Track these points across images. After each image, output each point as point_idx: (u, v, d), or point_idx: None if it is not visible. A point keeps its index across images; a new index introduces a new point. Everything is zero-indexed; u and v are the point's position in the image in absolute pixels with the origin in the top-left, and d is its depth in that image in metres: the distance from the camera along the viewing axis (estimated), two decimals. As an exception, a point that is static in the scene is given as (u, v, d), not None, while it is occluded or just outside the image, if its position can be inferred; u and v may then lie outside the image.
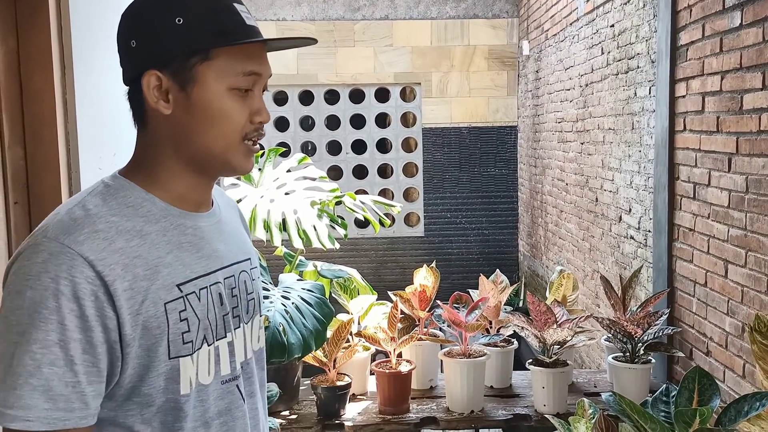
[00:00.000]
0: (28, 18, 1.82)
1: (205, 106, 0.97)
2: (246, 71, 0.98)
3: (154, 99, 0.96)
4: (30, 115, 1.85)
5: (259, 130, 1.02)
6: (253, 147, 1.02)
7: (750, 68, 2.24)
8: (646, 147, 3.30)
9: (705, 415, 1.42)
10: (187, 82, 0.96)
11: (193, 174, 1.01)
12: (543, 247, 5.62)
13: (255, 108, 1.00)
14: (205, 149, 0.99)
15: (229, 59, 0.97)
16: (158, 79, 0.96)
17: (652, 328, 2.43)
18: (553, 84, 5.13)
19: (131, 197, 0.97)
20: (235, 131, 0.99)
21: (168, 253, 0.95)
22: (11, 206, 1.79)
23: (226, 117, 0.98)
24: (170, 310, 0.93)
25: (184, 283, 0.96)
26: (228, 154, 0.99)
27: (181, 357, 0.95)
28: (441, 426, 2.41)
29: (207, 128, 0.98)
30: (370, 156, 6.67)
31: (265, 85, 1.03)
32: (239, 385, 1.04)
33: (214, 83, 0.96)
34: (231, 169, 1.02)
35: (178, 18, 0.94)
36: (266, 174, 2.99)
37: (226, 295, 1.03)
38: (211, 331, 0.99)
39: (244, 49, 0.98)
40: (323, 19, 6.38)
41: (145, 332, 0.91)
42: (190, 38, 0.94)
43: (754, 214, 2.22)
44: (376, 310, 2.63)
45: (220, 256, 1.04)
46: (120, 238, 0.91)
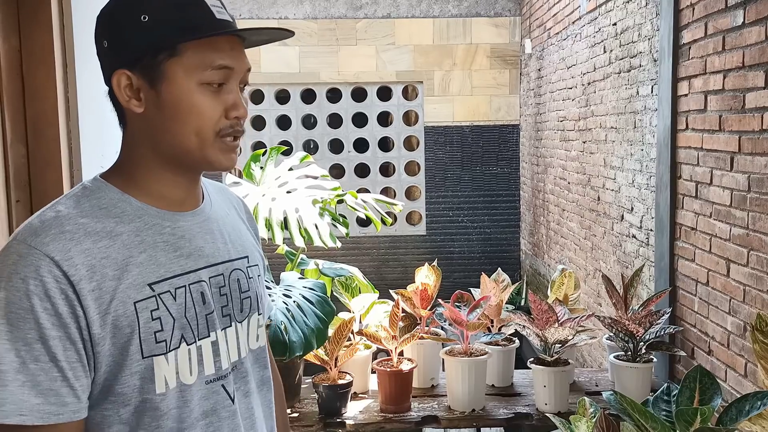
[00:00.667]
0: (31, 16, 1.82)
1: (176, 103, 0.96)
2: (215, 65, 0.96)
3: (126, 98, 0.97)
4: (32, 113, 1.85)
5: (236, 125, 0.99)
6: (230, 143, 1.00)
7: (752, 67, 2.24)
8: (648, 146, 3.30)
9: (706, 414, 1.42)
10: (156, 80, 0.95)
11: (172, 172, 1.01)
12: (545, 245, 5.62)
13: (230, 103, 0.98)
14: (179, 147, 0.98)
15: (197, 54, 0.95)
16: (128, 78, 0.96)
17: (653, 327, 2.43)
18: (556, 82, 5.12)
19: (105, 199, 0.97)
20: (207, 127, 0.97)
21: (141, 253, 0.95)
22: (13, 204, 1.79)
23: (198, 113, 0.96)
24: (141, 309, 0.93)
25: (157, 282, 0.95)
26: (203, 150, 0.98)
27: (155, 356, 0.94)
28: (442, 425, 2.41)
29: (179, 125, 0.96)
30: (372, 154, 6.67)
31: (244, 79, 1.01)
32: (226, 385, 1.03)
33: (183, 79, 0.95)
34: (209, 166, 1.00)
35: (144, 15, 0.94)
36: (268, 172, 2.99)
37: (213, 293, 1.02)
38: (190, 331, 0.98)
39: (213, 42, 0.96)
40: (325, 18, 6.38)
41: (116, 331, 0.92)
42: (155, 35, 0.94)
43: (756, 213, 2.22)
44: (377, 308, 2.63)
45: (205, 255, 1.02)
46: (87, 240, 0.92)
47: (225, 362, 1.03)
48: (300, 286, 2.48)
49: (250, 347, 1.09)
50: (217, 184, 1.20)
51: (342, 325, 2.37)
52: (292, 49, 6.35)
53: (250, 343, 1.09)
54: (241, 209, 1.21)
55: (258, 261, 1.15)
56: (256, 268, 1.14)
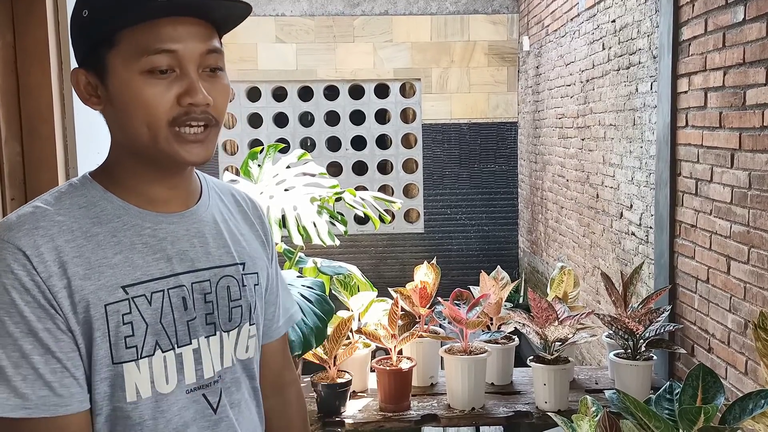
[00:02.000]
0: (25, 12, 1.80)
1: (121, 95, 0.91)
2: (153, 49, 0.89)
3: (86, 97, 0.95)
4: (27, 111, 1.83)
5: (191, 112, 0.91)
6: (188, 134, 0.92)
7: (753, 63, 2.22)
8: (648, 143, 3.29)
9: (709, 413, 1.41)
10: (103, 75, 0.92)
11: (148, 169, 0.96)
12: (543, 243, 5.61)
13: (183, 89, 0.91)
14: (136, 141, 0.93)
15: (132, 41, 0.89)
16: (85, 76, 0.94)
17: (653, 324, 2.42)
18: (554, 80, 5.11)
19: (86, 197, 0.95)
20: (157, 117, 0.90)
21: (116, 254, 0.92)
22: (8, 203, 1.78)
23: (143, 103, 0.90)
24: (111, 312, 0.90)
25: (131, 285, 0.92)
26: (159, 143, 0.92)
27: (125, 363, 0.91)
28: (442, 423, 2.39)
29: (129, 118, 0.92)
30: (370, 152, 6.66)
31: (206, 62, 0.93)
32: (206, 395, 0.98)
33: (123, 69, 0.90)
34: (171, 160, 0.94)
35: (84, 10, 0.92)
36: (265, 170, 2.97)
37: (196, 299, 0.98)
38: (166, 337, 0.94)
39: (152, 27, 0.89)
40: (322, 15, 6.36)
41: (86, 333, 0.89)
42: (93, 28, 0.91)
43: (756, 211, 2.21)
44: (376, 306, 2.62)
45: (189, 259, 0.98)
46: (60, 237, 0.89)
47: (208, 371, 0.99)
48: (298, 284, 2.46)
49: (238, 357, 1.04)
50: (224, 185, 1.15)
51: (341, 324, 2.36)
52: (289, 46, 6.33)
53: (238, 354, 1.04)
54: (253, 212, 1.15)
55: (260, 269, 1.09)
56: (254, 276, 1.07)
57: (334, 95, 6.57)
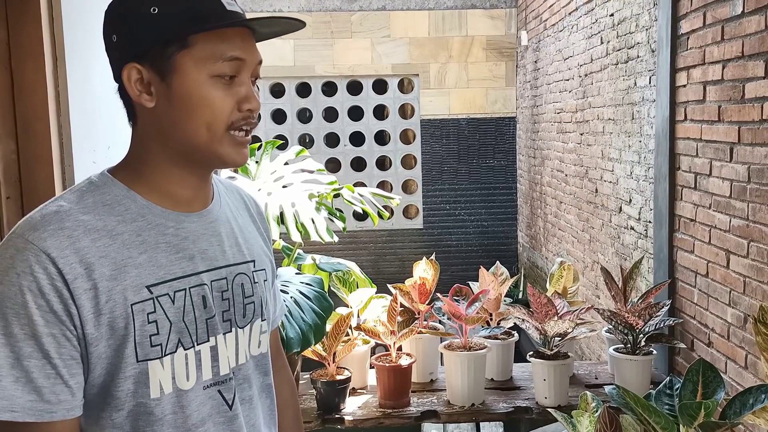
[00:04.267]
0: (19, 8, 1.79)
1: (187, 96, 0.94)
2: (227, 57, 0.94)
3: (137, 92, 0.95)
4: (22, 108, 1.82)
5: (249, 118, 0.97)
6: (242, 138, 0.97)
7: (752, 56, 2.21)
8: (647, 137, 3.28)
9: (710, 408, 1.40)
10: (167, 73, 0.93)
11: (182, 169, 0.98)
12: (542, 238, 5.61)
13: (242, 95, 0.96)
14: (190, 141, 0.95)
15: (208, 45, 0.93)
16: (139, 71, 0.94)
17: (653, 319, 2.41)
18: (552, 74, 5.10)
19: (110, 195, 0.95)
20: (219, 120, 0.95)
21: (141, 254, 0.93)
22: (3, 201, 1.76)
23: (209, 105, 0.94)
24: (137, 312, 0.91)
25: (155, 285, 0.93)
26: (214, 145, 0.96)
27: (150, 360, 0.92)
28: (442, 419, 2.39)
29: (190, 119, 0.94)
30: (369, 148, 6.64)
31: (256, 71, 0.99)
32: (223, 391, 1.01)
33: (194, 71, 0.93)
34: (221, 162, 0.98)
35: (153, 7, 0.92)
36: (263, 167, 2.96)
37: (214, 297, 1.00)
38: (188, 335, 0.96)
39: (224, 34, 0.94)
40: (320, 10, 6.34)
41: (111, 332, 0.90)
42: (165, 27, 0.92)
43: (756, 204, 2.20)
44: (375, 303, 2.61)
45: (208, 258, 1.00)
46: (86, 237, 0.90)
47: (224, 368, 1.01)
48: (297, 281, 2.46)
49: (251, 353, 1.07)
50: (229, 183, 1.17)
51: (340, 321, 2.35)
52: (287, 42, 6.32)
53: (251, 350, 1.07)
54: (255, 210, 1.18)
55: (265, 265, 1.12)
56: (263, 272, 1.10)
57: (332, 91, 6.56)
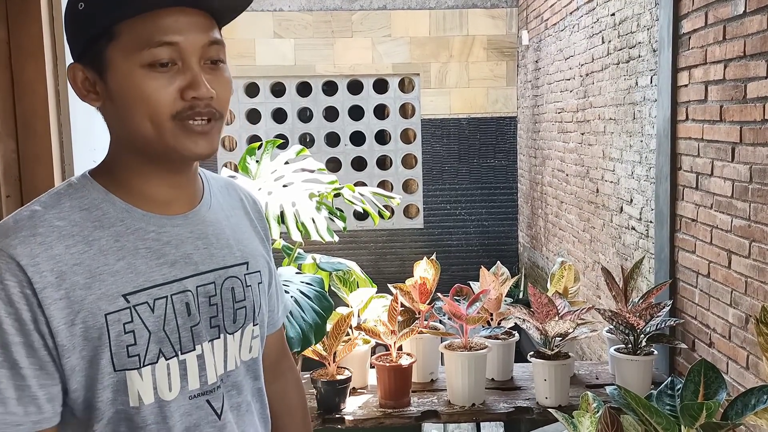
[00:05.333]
0: (20, 8, 1.79)
1: (122, 90, 0.88)
2: (155, 42, 0.87)
3: (84, 93, 0.92)
4: (22, 107, 1.82)
5: (195, 107, 0.89)
6: (197, 126, 0.90)
7: (754, 56, 2.21)
8: (648, 137, 3.27)
9: (712, 408, 1.40)
10: (103, 69, 0.89)
11: (151, 168, 0.94)
12: (543, 238, 5.60)
13: (185, 82, 0.88)
14: (138, 137, 0.90)
15: (133, 33, 0.87)
16: (82, 71, 0.91)
17: (654, 319, 2.41)
18: (553, 74, 5.09)
19: (88, 199, 0.92)
20: (160, 111, 0.88)
21: (118, 260, 0.89)
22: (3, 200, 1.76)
23: (145, 98, 0.87)
24: (112, 322, 0.88)
25: (133, 293, 0.89)
26: (164, 138, 0.89)
27: (128, 370, 0.89)
28: (442, 419, 2.39)
29: (131, 113, 0.89)
30: (369, 148, 6.64)
31: (207, 54, 0.91)
32: (211, 400, 0.97)
33: (124, 63, 0.87)
34: (177, 154, 0.91)
35: (80, 3, 0.89)
36: (264, 166, 2.96)
37: (201, 303, 0.96)
38: (170, 344, 0.92)
39: (152, 19, 0.87)
40: (320, 10, 6.33)
41: (86, 343, 0.87)
42: (90, 21, 0.88)
43: (758, 204, 2.20)
44: (375, 303, 2.61)
45: (194, 262, 0.96)
46: (60, 244, 0.87)
47: (212, 376, 0.98)
48: (297, 281, 2.45)
49: (242, 359, 1.03)
50: (225, 180, 1.13)
51: (340, 320, 2.35)
52: (287, 41, 6.31)
53: (242, 355, 1.03)
54: (252, 207, 1.13)
55: (261, 266, 1.08)
56: (257, 275, 1.06)
57: (333, 91, 6.55)
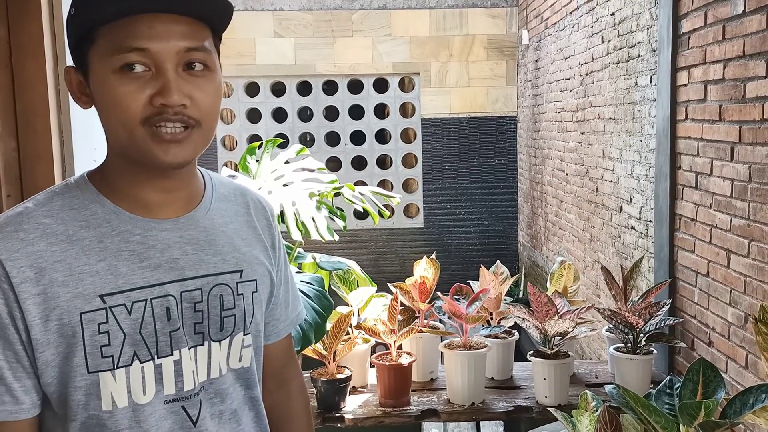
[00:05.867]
0: (20, 6, 1.79)
1: (99, 94, 0.90)
2: (125, 47, 0.87)
3: (77, 95, 0.94)
4: (22, 106, 1.82)
5: (164, 113, 0.88)
6: (165, 134, 0.89)
7: (753, 56, 2.21)
8: (647, 136, 3.28)
9: (710, 407, 1.40)
10: (86, 73, 0.91)
11: (137, 172, 0.94)
12: (543, 237, 5.61)
13: (156, 89, 0.88)
14: (115, 141, 0.92)
15: (108, 38, 0.88)
16: (74, 74, 0.93)
17: (653, 318, 2.41)
18: (553, 73, 5.10)
19: (78, 199, 0.93)
20: (130, 116, 0.88)
21: (99, 261, 0.90)
22: (4, 199, 1.77)
23: (116, 102, 0.88)
24: (86, 321, 0.88)
25: (110, 294, 0.90)
26: (136, 143, 0.89)
27: (101, 372, 0.90)
28: (442, 418, 2.39)
29: (107, 118, 0.91)
30: (369, 147, 6.64)
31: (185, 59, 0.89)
32: (186, 407, 0.96)
33: (99, 67, 0.89)
34: (147, 160, 0.91)
35: (72, 8, 0.91)
36: (264, 165, 2.96)
37: (184, 309, 0.95)
38: (146, 348, 0.92)
39: (127, 25, 0.87)
40: (321, 9, 6.33)
41: (61, 340, 0.88)
42: (75, 25, 0.90)
43: (757, 204, 2.20)
44: (375, 302, 2.61)
45: (180, 267, 0.95)
46: (42, 241, 0.88)
47: (188, 383, 0.96)
48: (297, 280, 2.46)
49: (230, 367, 1.02)
50: (235, 186, 1.10)
51: (340, 319, 2.35)
52: (288, 41, 6.31)
53: (230, 363, 1.02)
54: (260, 214, 1.10)
55: (258, 275, 1.05)
56: (252, 283, 1.03)
57: (333, 90, 6.55)
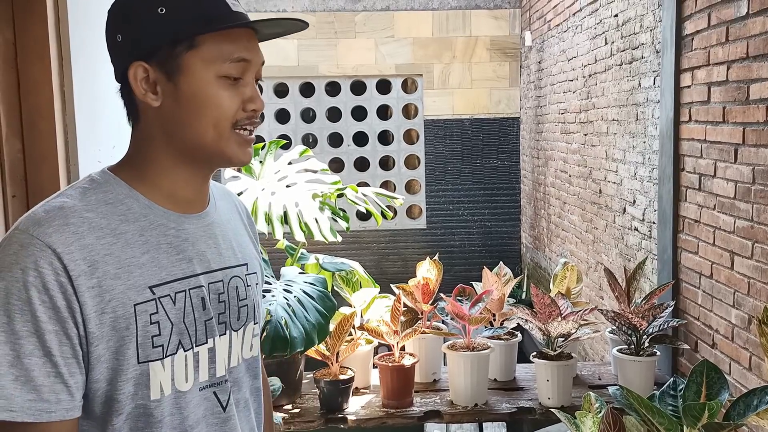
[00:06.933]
0: (25, 8, 1.79)
1: (194, 95, 0.95)
2: (233, 57, 0.95)
3: (142, 91, 0.95)
4: (27, 107, 1.82)
5: (252, 118, 0.99)
6: (247, 136, 0.99)
7: (757, 58, 2.21)
8: (651, 138, 3.27)
9: (714, 409, 1.40)
10: (174, 72, 0.95)
11: (185, 169, 0.99)
12: (546, 239, 5.60)
13: (247, 95, 0.97)
14: (196, 140, 0.97)
15: (215, 46, 0.95)
16: (145, 70, 0.95)
17: (656, 320, 2.41)
18: (556, 75, 5.10)
19: (112, 193, 0.95)
20: (225, 120, 0.96)
21: (144, 254, 0.93)
22: (9, 200, 1.77)
23: (216, 105, 0.95)
24: (140, 312, 0.91)
25: (157, 285, 0.93)
26: (220, 143, 0.97)
27: (151, 362, 0.92)
28: (445, 419, 2.39)
29: (196, 118, 0.96)
30: (372, 148, 6.65)
31: (259, 73, 1.00)
32: (217, 393, 1.01)
33: (202, 71, 0.95)
34: (226, 160, 0.99)
35: (161, 7, 0.93)
36: (267, 166, 2.97)
37: (212, 299, 1.00)
38: (188, 336, 0.96)
39: (230, 35, 0.95)
40: (324, 11, 6.34)
41: (113, 333, 0.89)
42: (173, 27, 0.93)
43: (761, 206, 2.20)
44: (378, 303, 2.62)
45: (206, 260, 1.01)
46: (91, 235, 0.90)
47: (220, 369, 1.01)
48: (300, 281, 2.46)
49: (243, 356, 1.07)
50: (221, 188, 1.18)
51: (343, 320, 2.35)
52: (291, 42, 6.32)
53: (243, 353, 1.07)
54: (244, 214, 1.19)
55: (256, 269, 1.13)
56: (255, 276, 1.11)
57: (336, 91, 6.56)
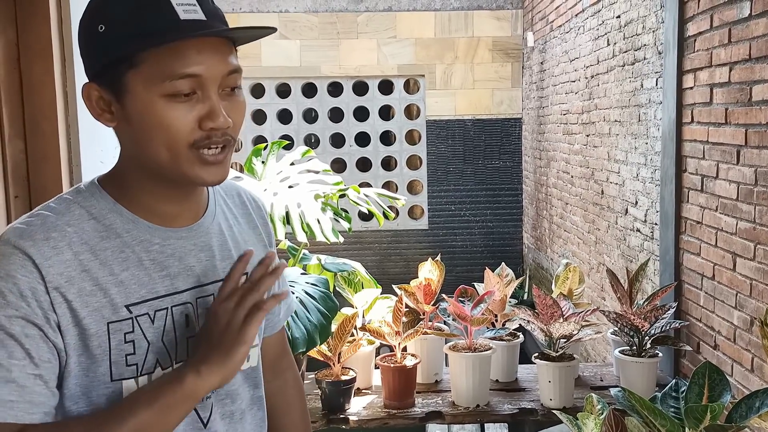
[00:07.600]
0: (28, 9, 1.80)
1: (140, 117, 0.88)
2: (177, 75, 0.86)
3: (98, 112, 0.92)
4: (30, 108, 1.83)
5: (212, 136, 0.89)
6: (211, 156, 0.91)
7: (759, 59, 2.21)
8: (653, 139, 3.27)
9: (716, 411, 1.40)
10: (121, 93, 0.89)
11: (162, 186, 0.95)
12: (548, 239, 5.60)
13: (204, 113, 0.89)
14: (153, 161, 0.91)
15: (156, 64, 0.86)
16: (98, 91, 0.91)
17: (659, 321, 2.41)
18: (558, 76, 5.09)
19: (96, 207, 0.93)
20: (177, 140, 0.88)
21: (123, 271, 0.91)
22: (11, 200, 1.77)
23: (164, 127, 0.88)
24: (113, 331, 0.90)
25: (136, 304, 0.91)
26: (178, 164, 0.90)
27: (124, 379, 0.91)
28: (446, 420, 2.39)
29: (148, 139, 0.89)
30: (374, 149, 6.65)
31: (227, 83, 0.91)
32: (198, 409, 0.98)
33: (144, 92, 0.87)
34: (187, 181, 0.92)
35: (100, 25, 0.87)
36: (269, 167, 2.97)
37: (200, 315, 0.97)
38: (167, 354, 0.94)
39: (176, 49, 0.86)
40: (326, 11, 6.34)
41: (84, 349, 0.89)
42: (110, 46, 0.87)
43: (763, 207, 2.20)
44: (380, 303, 2.62)
45: (195, 275, 0.97)
46: (69, 250, 0.89)
47: None
48: (302, 281, 2.46)
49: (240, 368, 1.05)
50: (231, 186, 1.12)
51: (345, 321, 2.35)
52: (293, 42, 6.32)
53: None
54: (257, 212, 1.14)
55: None
56: None
57: (338, 92, 6.56)
